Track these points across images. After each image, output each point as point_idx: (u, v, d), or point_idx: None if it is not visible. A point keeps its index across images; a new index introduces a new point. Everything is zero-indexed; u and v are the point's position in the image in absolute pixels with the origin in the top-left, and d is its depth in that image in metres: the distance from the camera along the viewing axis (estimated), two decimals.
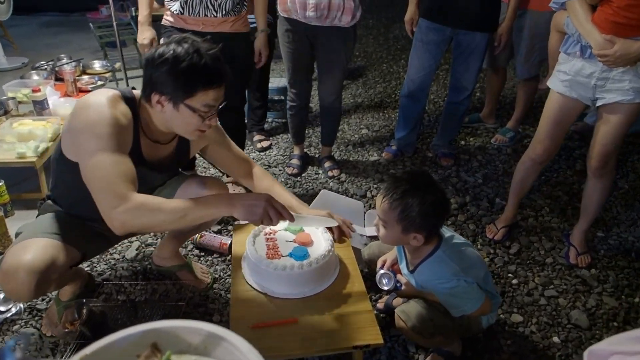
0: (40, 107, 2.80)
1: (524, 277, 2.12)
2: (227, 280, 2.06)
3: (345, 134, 3.43)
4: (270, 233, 1.60)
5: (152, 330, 0.68)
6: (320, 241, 1.57)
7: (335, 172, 2.88)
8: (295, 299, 1.44)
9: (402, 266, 1.58)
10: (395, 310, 1.54)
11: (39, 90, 2.80)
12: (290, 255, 1.49)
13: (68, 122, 1.38)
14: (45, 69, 3.66)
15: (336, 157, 3.06)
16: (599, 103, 1.84)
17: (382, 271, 1.55)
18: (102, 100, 1.33)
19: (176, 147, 1.61)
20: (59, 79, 3.32)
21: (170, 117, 1.38)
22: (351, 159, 3.11)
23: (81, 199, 1.33)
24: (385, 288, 1.52)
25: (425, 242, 1.40)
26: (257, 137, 3.25)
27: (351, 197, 2.65)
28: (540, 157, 2.07)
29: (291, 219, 1.38)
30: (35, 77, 3.51)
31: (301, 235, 1.56)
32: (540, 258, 2.24)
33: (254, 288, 1.47)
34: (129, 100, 1.41)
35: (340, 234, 1.66)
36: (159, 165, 1.56)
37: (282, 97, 3.51)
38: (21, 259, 1.34)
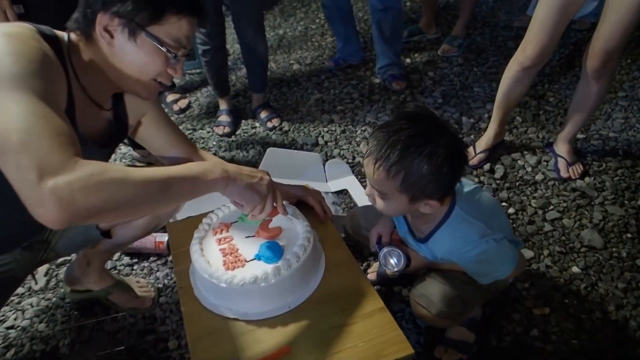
0: None
1: (519, 204, 1.84)
2: (175, 288, 1.61)
3: (274, 74, 2.94)
4: (222, 230, 1.15)
5: None
6: (292, 225, 1.15)
7: (275, 122, 2.42)
8: (278, 317, 1.03)
9: (405, 235, 1.21)
10: (410, 295, 1.19)
11: None
12: (259, 257, 1.06)
13: None
14: None
15: (272, 104, 2.58)
16: None
17: (386, 248, 1.16)
18: (17, 29, 0.83)
19: (114, 115, 1.13)
20: None
21: (122, 53, 0.92)
22: (289, 102, 2.65)
23: None
24: (395, 269, 1.15)
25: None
26: (170, 97, 2.69)
27: (301, 148, 2.23)
28: (532, 59, 1.71)
29: (285, 212, 1.07)
30: None
31: (265, 226, 1.13)
32: (529, 177, 1.97)
33: (216, 314, 1.05)
34: (50, 39, 0.89)
35: (322, 211, 1.25)
36: (95, 140, 1.07)
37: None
38: None
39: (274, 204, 1.03)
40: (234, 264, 1.05)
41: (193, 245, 1.10)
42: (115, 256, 1.75)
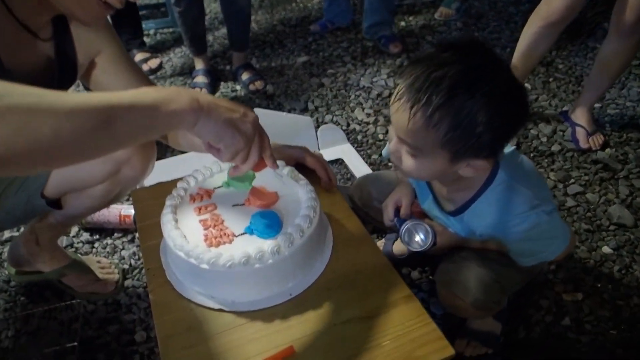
0: None
1: None
2: (143, 270, 1.35)
3: (256, 35, 2.65)
4: (202, 197, 0.90)
5: None
6: (291, 191, 0.91)
7: (259, 85, 2.15)
8: (276, 307, 0.80)
9: (430, 207, 0.98)
10: (438, 280, 0.97)
11: None
12: (251, 231, 0.82)
13: None
14: None
15: (255, 66, 2.31)
16: None
17: (409, 222, 0.93)
18: None
19: (56, 48, 0.87)
20: None
21: None
22: (273, 64, 2.38)
23: None
24: (421, 247, 0.92)
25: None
26: (139, 56, 2.39)
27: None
28: (559, 13, 1.49)
29: (274, 165, 0.80)
30: None
31: (257, 191, 0.89)
32: (545, 147, 1.77)
33: (195, 304, 0.81)
34: None
35: (326, 176, 1.02)
36: (30, 79, 0.80)
37: None
38: None
39: (261, 153, 0.77)
40: (218, 240, 0.81)
41: (165, 215, 0.85)
42: (73, 231, 1.48)
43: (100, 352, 1.16)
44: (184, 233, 0.82)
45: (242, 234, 0.82)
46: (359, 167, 1.67)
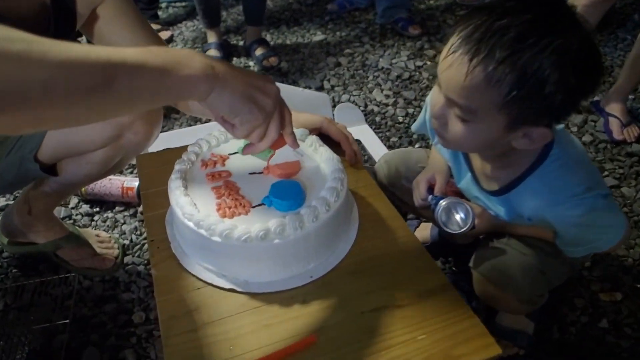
0: None
1: None
2: (145, 246, 1.27)
3: (271, 12, 2.54)
4: (215, 163, 0.80)
5: None
6: (315, 161, 0.81)
7: (273, 61, 2.05)
8: (295, 290, 0.70)
9: (468, 186, 0.88)
10: (474, 267, 0.87)
11: None
12: (269, 202, 0.72)
13: None
14: None
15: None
16: None
17: (445, 200, 0.82)
18: None
19: None
20: None
21: None
22: (288, 42, 2.27)
23: None
24: (459, 230, 0.81)
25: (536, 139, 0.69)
26: None
27: None
28: None
29: (295, 143, 0.71)
30: None
31: (278, 159, 0.79)
32: (576, 137, 1.65)
33: (204, 282, 0.71)
34: None
35: (351, 150, 0.92)
36: (23, 25, 0.70)
37: None
38: None
39: (280, 130, 0.67)
40: (233, 210, 0.71)
41: (173, 181, 0.75)
42: (72, 203, 1.39)
43: (94, 332, 1.07)
44: (194, 201, 0.72)
45: (259, 205, 0.72)
46: (377, 150, 1.56)
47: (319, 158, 0.81)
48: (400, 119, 1.74)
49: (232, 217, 0.70)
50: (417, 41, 2.24)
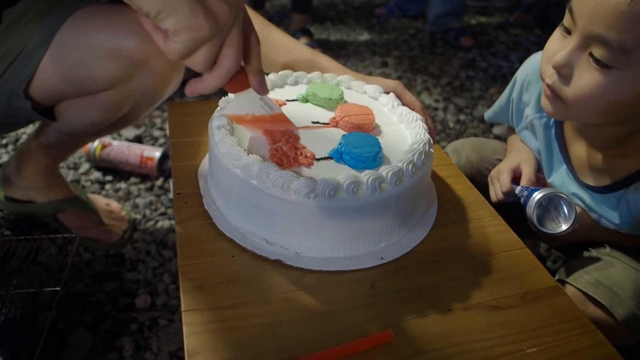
0: None
1: None
2: (159, 223, 1.10)
3: (315, 10, 2.43)
4: (267, 104, 0.64)
5: None
6: (393, 121, 0.65)
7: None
8: (361, 272, 0.53)
9: (563, 180, 0.71)
10: (574, 281, 0.68)
11: None
12: (339, 155, 0.55)
13: None
14: None
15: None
16: None
17: (543, 192, 0.64)
18: None
19: None
20: None
21: None
22: (332, 38, 2.14)
23: None
24: (557, 230, 0.63)
25: None
26: None
27: None
28: None
29: (262, 87, 0.51)
30: None
31: (350, 108, 0.63)
32: None
33: (244, 249, 0.54)
34: None
35: (426, 122, 0.75)
36: None
37: None
38: None
39: (243, 63, 0.48)
40: (292, 159, 0.54)
41: (215, 119, 0.59)
42: (83, 168, 1.23)
43: (88, 312, 0.89)
44: (241, 145, 0.56)
45: (326, 158, 0.56)
46: None
47: (398, 118, 0.65)
48: (451, 124, 1.58)
49: (290, 168, 0.53)
50: (469, 52, 2.10)
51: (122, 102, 0.79)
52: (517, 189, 0.71)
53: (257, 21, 0.73)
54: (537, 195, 0.65)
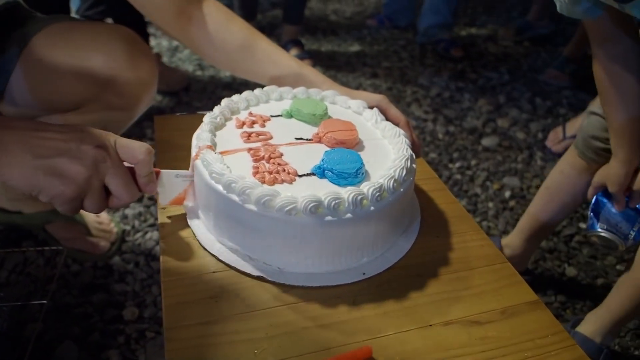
0: None
1: None
2: (148, 234, 1.11)
3: (307, 20, 2.44)
4: (253, 124, 0.65)
5: None
6: (375, 136, 0.66)
7: (307, 63, 1.92)
8: (343, 287, 0.54)
9: None
10: None
11: None
12: (322, 171, 0.56)
13: None
14: None
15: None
16: None
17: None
18: None
19: None
20: None
21: None
22: (323, 49, 2.16)
23: None
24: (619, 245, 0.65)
25: None
26: None
27: None
28: None
29: (151, 186, 0.54)
30: None
31: (334, 124, 0.64)
32: None
33: (227, 265, 0.55)
34: None
35: (411, 137, 0.76)
36: None
37: None
38: None
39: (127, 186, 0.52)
40: (274, 176, 0.55)
41: (200, 134, 0.60)
42: None
43: (75, 324, 0.89)
44: (226, 163, 0.56)
45: (308, 175, 0.57)
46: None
47: (381, 133, 0.66)
48: (441, 135, 1.60)
49: (272, 184, 0.54)
50: (459, 64, 2.13)
51: (93, 122, 0.79)
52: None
53: (246, 32, 0.75)
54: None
